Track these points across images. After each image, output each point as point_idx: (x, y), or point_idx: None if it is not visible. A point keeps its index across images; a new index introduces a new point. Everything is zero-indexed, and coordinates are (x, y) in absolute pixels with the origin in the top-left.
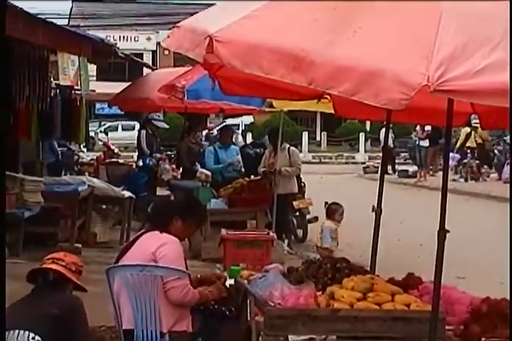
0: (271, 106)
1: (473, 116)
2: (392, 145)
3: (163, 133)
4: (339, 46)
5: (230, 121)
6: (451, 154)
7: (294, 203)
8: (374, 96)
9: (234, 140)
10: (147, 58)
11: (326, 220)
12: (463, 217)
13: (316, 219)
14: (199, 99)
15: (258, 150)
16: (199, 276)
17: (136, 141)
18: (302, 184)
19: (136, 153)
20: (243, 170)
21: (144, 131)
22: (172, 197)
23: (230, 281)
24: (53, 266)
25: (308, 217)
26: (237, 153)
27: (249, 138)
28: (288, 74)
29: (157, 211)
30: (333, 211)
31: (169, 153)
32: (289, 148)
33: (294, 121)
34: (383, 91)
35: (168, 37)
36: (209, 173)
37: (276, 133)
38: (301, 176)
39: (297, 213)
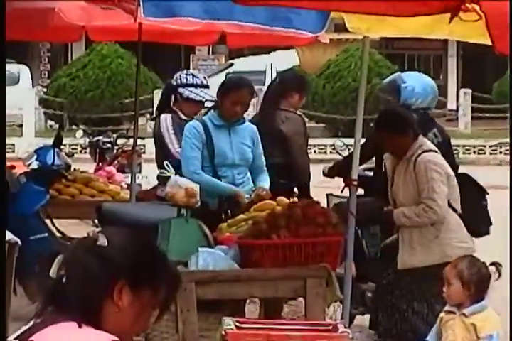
0: (340, 28)
1: None
2: None
3: (72, 92)
4: None
5: (241, 66)
6: None
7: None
8: None
9: (256, 107)
10: None
11: None
12: None
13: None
14: (173, 15)
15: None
16: None
17: (24, 117)
18: None
19: (23, 139)
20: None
21: (168, 117)
22: (102, 241)
23: None
24: None
25: None
26: (253, 141)
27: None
28: None
29: (73, 274)
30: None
31: (99, 138)
32: (421, 153)
33: (393, 63)
34: None
35: None
36: (195, 187)
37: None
38: None
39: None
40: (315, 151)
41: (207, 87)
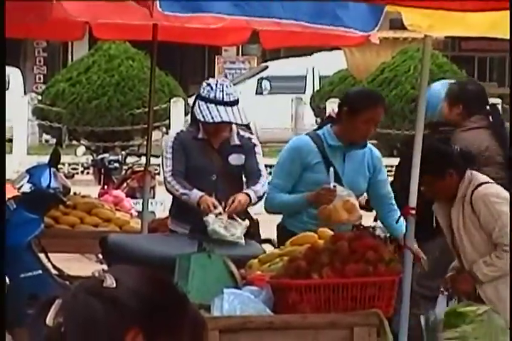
0: (396, 25)
1: None
2: None
3: (72, 100)
4: None
5: (276, 70)
6: None
7: None
8: None
9: (294, 120)
10: None
11: None
12: None
13: None
14: (197, 11)
15: None
16: None
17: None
18: None
19: (13, 157)
20: None
21: (175, 134)
22: (109, 283)
23: None
24: None
25: None
26: (374, 169)
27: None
28: None
29: (75, 322)
30: None
31: (104, 156)
32: (474, 190)
33: (461, 67)
34: None
35: None
36: (353, 198)
37: None
38: None
39: None
40: None
41: (230, 104)
